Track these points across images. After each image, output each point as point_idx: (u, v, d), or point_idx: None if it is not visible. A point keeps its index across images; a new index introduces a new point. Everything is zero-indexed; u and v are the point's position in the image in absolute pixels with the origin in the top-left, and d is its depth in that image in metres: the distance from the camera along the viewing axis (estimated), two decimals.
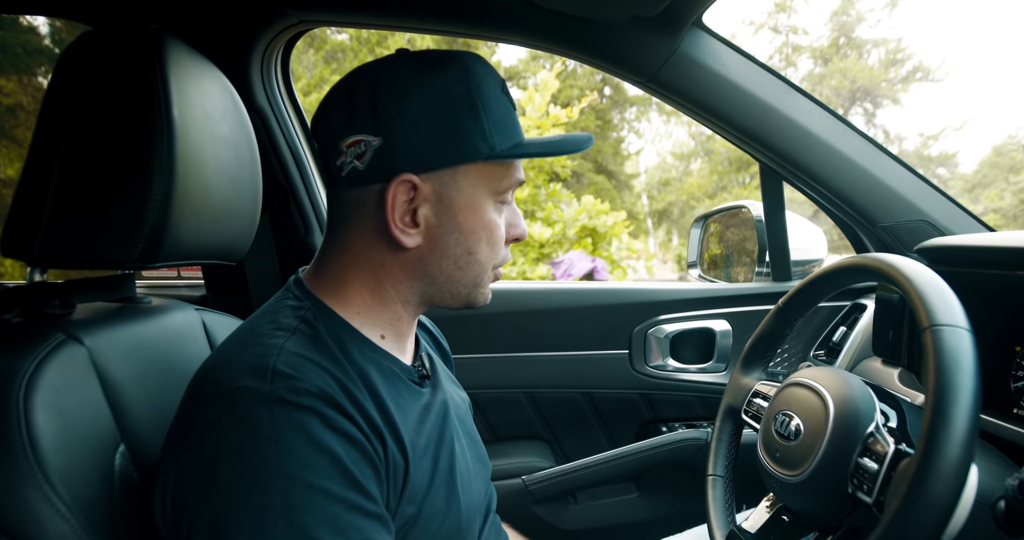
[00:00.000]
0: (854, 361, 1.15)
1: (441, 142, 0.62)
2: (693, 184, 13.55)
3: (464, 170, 0.64)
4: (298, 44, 1.35)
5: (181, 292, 1.51)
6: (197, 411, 0.56)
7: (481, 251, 0.67)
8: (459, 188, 0.64)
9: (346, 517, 0.52)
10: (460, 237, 0.65)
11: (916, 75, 13.69)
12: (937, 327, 0.55)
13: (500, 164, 0.65)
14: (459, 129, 0.62)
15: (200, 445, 0.54)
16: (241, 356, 0.58)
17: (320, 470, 0.52)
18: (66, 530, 0.53)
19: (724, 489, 0.87)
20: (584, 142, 0.69)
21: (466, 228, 0.65)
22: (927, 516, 0.51)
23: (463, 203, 0.65)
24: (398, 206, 0.63)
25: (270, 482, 0.51)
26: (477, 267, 0.67)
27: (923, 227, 1.15)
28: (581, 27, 1.10)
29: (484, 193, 0.65)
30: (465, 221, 0.65)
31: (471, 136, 0.63)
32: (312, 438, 0.53)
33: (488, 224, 0.66)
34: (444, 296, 0.68)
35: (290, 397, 0.54)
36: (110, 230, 0.64)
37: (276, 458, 0.51)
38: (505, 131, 0.64)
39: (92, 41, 0.67)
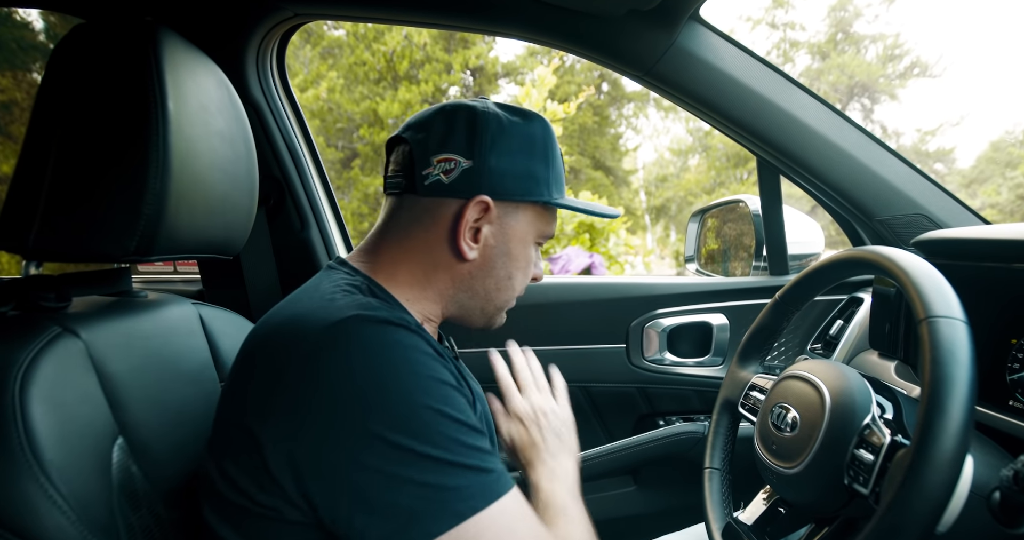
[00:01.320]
0: (851, 354, 1.15)
1: (518, 178, 0.73)
2: (691, 180, 13.54)
3: (526, 207, 0.76)
4: (294, 39, 1.34)
5: (177, 287, 1.50)
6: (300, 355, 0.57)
7: (517, 279, 0.78)
8: (519, 221, 0.75)
9: (470, 411, 0.60)
10: (507, 262, 0.77)
11: (914, 71, 13.70)
12: (933, 319, 0.55)
13: (549, 211, 0.78)
14: (533, 172, 0.74)
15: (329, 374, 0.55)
16: (324, 308, 0.61)
17: (443, 371, 0.59)
18: (63, 523, 0.53)
19: (721, 482, 0.87)
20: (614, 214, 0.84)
21: (514, 255, 0.76)
22: (922, 507, 0.51)
23: (518, 234, 0.76)
24: (469, 224, 0.72)
25: (419, 382, 0.56)
26: (511, 292, 0.79)
27: (920, 221, 1.15)
28: (578, 21, 1.09)
29: (533, 231, 0.77)
30: (515, 249, 0.76)
31: (540, 180, 0.75)
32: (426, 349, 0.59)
33: (529, 258, 0.79)
34: (475, 312, 0.78)
35: (399, 320, 0.60)
36: (106, 223, 0.64)
37: (413, 361, 0.57)
38: (560, 185, 0.77)
39: (86, 34, 0.66)
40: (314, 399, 0.55)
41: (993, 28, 18.22)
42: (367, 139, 9.75)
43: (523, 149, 0.73)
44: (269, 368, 0.59)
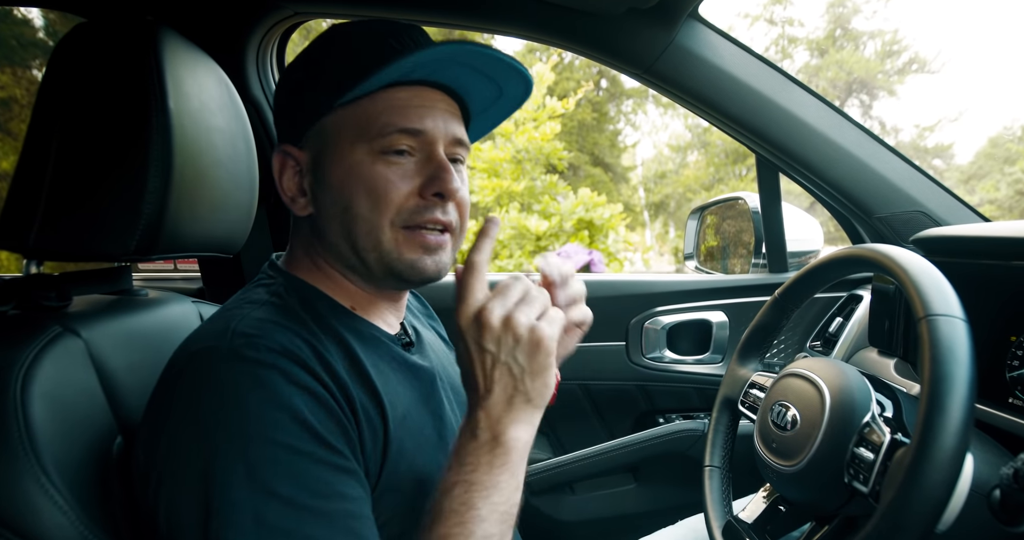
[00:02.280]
0: (850, 352, 1.16)
1: (296, 106, 0.65)
2: (690, 176, 13.53)
3: (325, 125, 0.63)
4: (295, 37, 1.34)
5: (178, 285, 1.50)
6: (168, 374, 0.58)
7: (359, 205, 0.62)
8: (326, 145, 0.64)
9: (311, 471, 0.52)
10: (334, 194, 0.63)
11: (912, 67, 13.69)
12: (933, 317, 0.55)
13: (367, 108, 0.62)
14: (308, 87, 0.65)
15: (161, 405, 0.55)
16: (208, 328, 0.60)
17: (281, 425, 0.51)
18: (63, 521, 0.53)
19: (721, 480, 0.87)
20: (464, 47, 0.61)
21: (336, 183, 0.63)
22: (922, 505, 0.51)
23: (330, 158, 0.63)
24: (285, 178, 0.66)
25: (230, 438, 0.50)
26: (363, 224, 0.62)
27: (919, 218, 1.15)
28: (577, 19, 1.09)
29: (349, 142, 0.62)
30: (335, 176, 0.63)
31: (315, 91, 0.64)
32: (272, 393, 0.52)
33: (360, 174, 0.62)
34: (359, 266, 0.65)
35: (249, 353, 0.53)
36: (106, 222, 0.64)
37: (239, 417, 0.51)
38: (362, 69, 0.60)
39: (87, 33, 0.66)
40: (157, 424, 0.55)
41: (991, 24, 18.21)
42: None
43: (296, 79, 0.67)
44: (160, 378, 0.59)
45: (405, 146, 0.63)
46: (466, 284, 0.57)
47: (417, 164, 0.63)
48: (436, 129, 0.64)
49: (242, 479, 0.49)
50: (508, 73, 0.66)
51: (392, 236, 0.63)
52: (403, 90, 0.63)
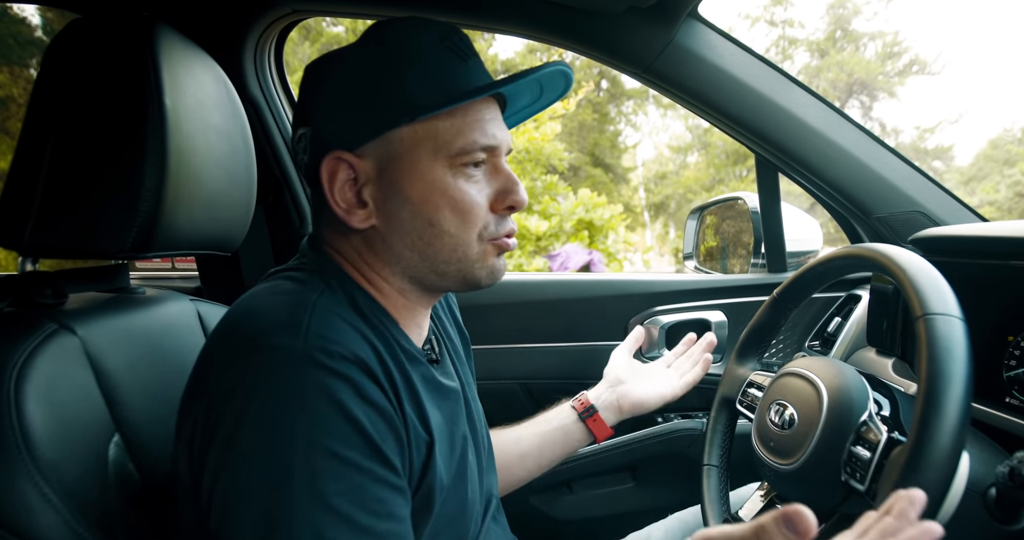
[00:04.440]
0: (849, 351, 1.15)
1: (362, 113, 0.60)
2: (690, 177, 13.53)
3: (397, 137, 0.60)
4: (293, 36, 1.34)
5: (175, 283, 1.50)
6: (225, 361, 0.54)
7: (445, 221, 0.61)
8: (397, 156, 0.61)
9: (370, 488, 0.51)
10: (414, 209, 0.61)
11: (912, 68, 13.68)
12: (930, 316, 0.55)
13: (443, 122, 0.60)
14: (377, 96, 0.60)
15: (225, 398, 0.52)
16: (272, 307, 0.56)
17: (346, 439, 0.51)
18: (58, 521, 0.53)
19: (719, 479, 0.87)
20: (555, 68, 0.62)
21: (416, 198, 0.61)
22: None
23: (405, 171, 0.61)
24: (337, 187, 0.61)
25: (294, 446, 0.49)
26: (450, 239, 0.62)
27: (918, 218, 1.15)
28: (577, 17, 1.09)
29: (429, 157, 0.60)
30: (412, 190, 0.61)
31: (389, 100, 0.60)
32: (340, 405, 0.51)
33: (444, 190, 0.61)
34: (431, 277, 0.64)
35: (325, 360, 0.52)
36: (102, 219, 0.63)
37: (303, 423, 0.50)
38: (440, 87, 0.60)
39: (82, 29, 0.66)
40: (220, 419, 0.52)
41: (992, 26, 18.21)
42: None
43: (355, 78, 0.61)
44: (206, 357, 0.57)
45: (483, 159, 0.63)
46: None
47: (486, 175, 0.64)
48: (504, 141, 0.65)
49: (306, 492, 0.49)
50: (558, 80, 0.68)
51: (479, 249, 0.64)
52: (478, 103, 0.62)
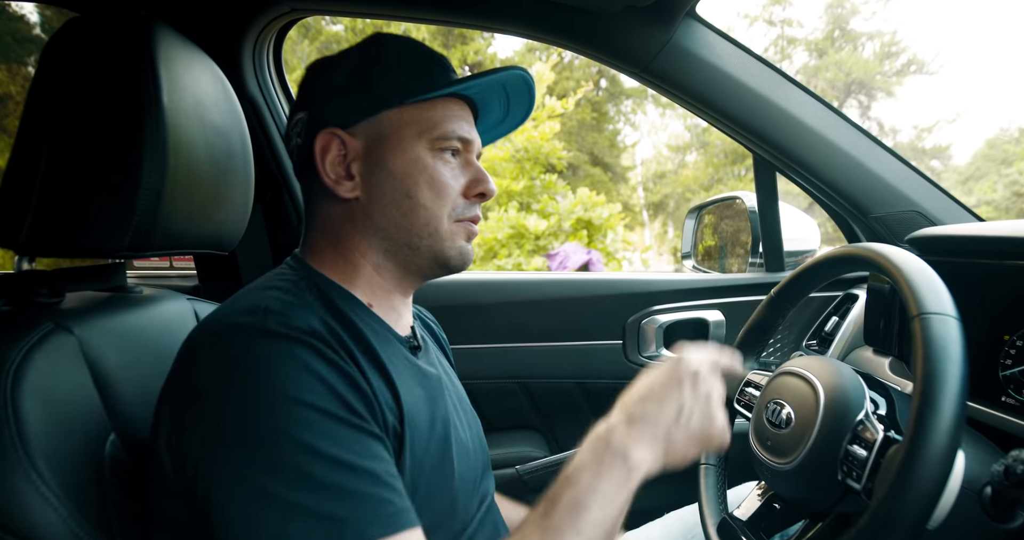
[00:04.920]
0: (846, 350, 1.16)
1: (357, 97, 0.69)
2: (689, 176, 13.55)
3: (386, 118, 0.69)
4: (292, 35, 1.34)
5: (173, 282, 1.50)
6: (191, 353, 0.58)
7: (423, 195, 0.68)
8: (384, 136, 0.69)
9: (349, 433, 0.54)
10: (395, 182, 0.68)
11: (910, 68, 13.70)
12: (926, 315, 0.55)
13: (427, 111, 0.69)
14: (371, 84, 0.69)
15: (197, 380, 0.55)
16: (233, 306, 0.61)
17: (317, 392, 0.54)
18: (55, 519, 0.53)
19: (716, 478, 0.87)
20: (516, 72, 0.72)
21: (398, 172, 0.68)
22: (914, 502, 0.51)
23: (391, 148, 0.68)
24: (328, 160, 0.68)
25: (272, 404, 0.52)
26: (424, 212, 0.68)
27: (915, 218, 1.15)
28: (575, 17, 1.09)
29: (413, 137, 0.69)
30: (396, 165, 0.68)
31: (383, 88, 0.69)
32: (305, 364, 0.54)
33: (424, 167, 0.69)
34: (405, 251, 0.70)
35: (281, 329, 0.56)
36: (99, 218, 0.63)
37: (274, 382, 0.53)
38: (425, 81, 0.69)
39: (80, 28, 0.66)
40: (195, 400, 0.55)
41: (990, 26, 18.23)
42: None
43: (355, 76, 0.70)
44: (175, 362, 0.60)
45: (458, 148, 0.71)
46: (725, 350, 0.69)
47: (460, 166, 0.72)
48: (476, 141, 0.74)
49: (288, 441, 0.51)
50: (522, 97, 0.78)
51: (448, 227, 0.70)
52: (455, 102, 0.72)
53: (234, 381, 0.53)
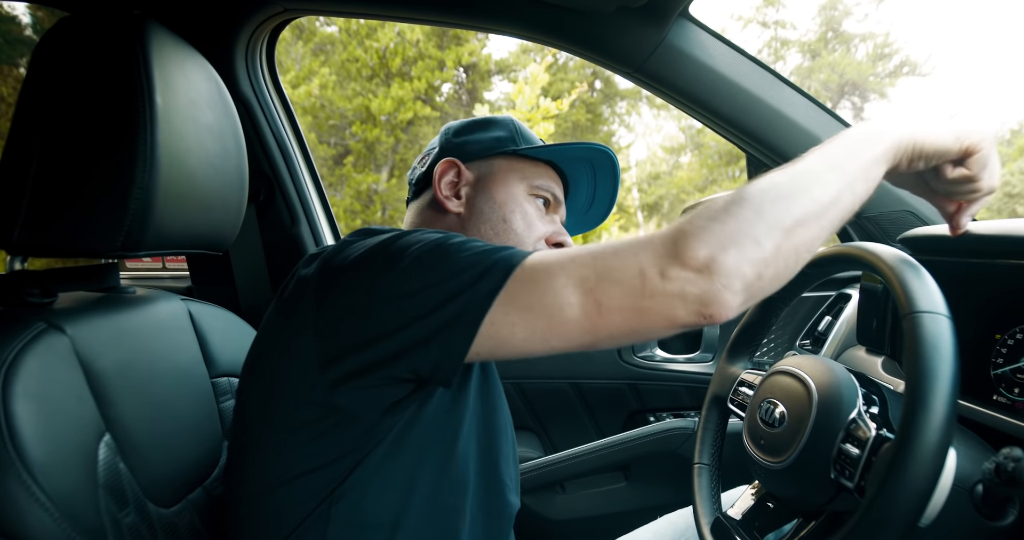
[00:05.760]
0: (839, 350, 1.16)
1: (479, 142, 0.83)
2: (683, 178, 13.57)
3: (497, 161, 0.82)
4: (286, 35, 1.34)
5: (166, 283, 1.49)
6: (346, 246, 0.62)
7: (516, 222, 0.79)
8: (494, 173, 0.81)
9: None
10: (495, 206, 0.80)
11: (903, 70, 13.77)
12: (917, 314, 0.56)
13: (530, 165, 0.83)
14: (494, 137, 0.84)
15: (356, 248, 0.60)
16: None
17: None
18: (47, 521, 0.53)
19: (710, 477, 0.87)
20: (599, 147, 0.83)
21: (499, 200, 0.80)
22: (906, 499, 0.52)
23: (497, 182, 0.81)
24: (444, 181, 0.81)
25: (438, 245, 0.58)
26: (514, 236, 0.78)
27: (907, 217, 1.16)
28: (568, 17, 1.09)
29: (516, 180, 0.81)
30: (498, 194, 0.80)
31: (502, 140, 0.83)
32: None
33: (519, 201, 0.80)
34: None
35: None
36: (92, 218, 0.63)
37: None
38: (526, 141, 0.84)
39: (72, 27, 0.65)
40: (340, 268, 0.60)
41: (982, 28, 18.37)
42: (359, 136, 9.70)
43: (479, 127, 0.85)
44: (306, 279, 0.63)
45: (548, 199, 0.83)
46: None
47: (548, 218, 0.83)
48: (563, 206, 0.87)
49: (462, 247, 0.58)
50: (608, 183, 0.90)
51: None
52: (552, 172, 0.85)
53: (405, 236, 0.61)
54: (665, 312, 0.49)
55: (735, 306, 0.49)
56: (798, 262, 0.52)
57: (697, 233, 0.49)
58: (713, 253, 0.48)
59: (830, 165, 0.55)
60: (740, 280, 0.48)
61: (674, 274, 0.49)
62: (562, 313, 0.51)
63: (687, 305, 0.49)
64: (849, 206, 0.55)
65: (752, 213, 0.50)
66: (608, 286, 0.50)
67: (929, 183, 0.68)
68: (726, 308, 0.49)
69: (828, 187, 0.53)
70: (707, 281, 0.48)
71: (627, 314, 0.50)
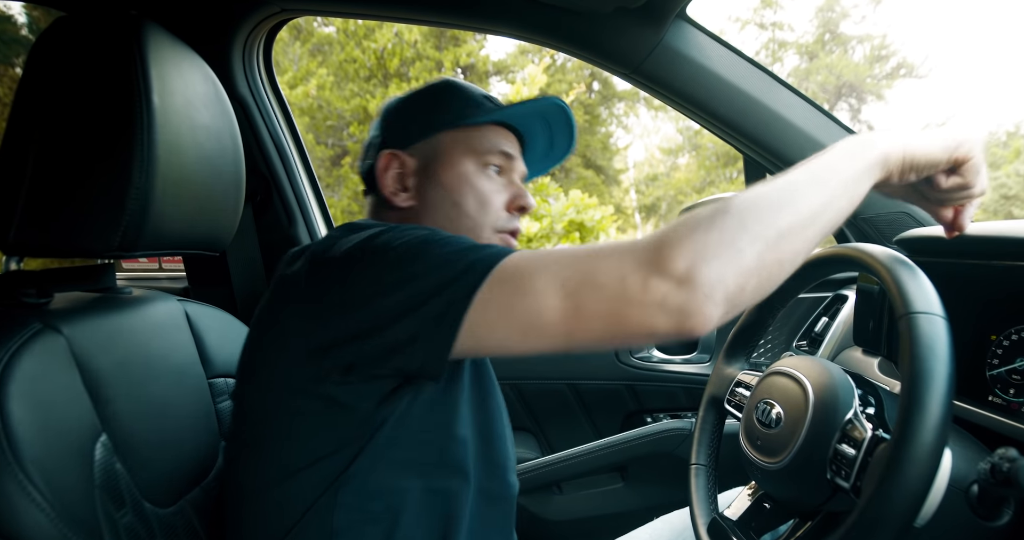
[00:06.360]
0: (835, 351, 1.16)
1: (415, 125, 0.78)
2: (681, 179, 13.59)
3: (439, 140, 0.77)
4: (283, 36, 1.34)
5: (163, 284, 1.49)
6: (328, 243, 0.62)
7: (468, 204, 0.75)
8: (437, 154, 0.77)
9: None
10: (445, 193, 0.76)
11: (900, 71, 13.81)
12: (913, 315, 0.56)
13: (474, 133, 0.78)
14: (430, 114, 0.79)
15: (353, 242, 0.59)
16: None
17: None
18: (43, 521, 0.53)
19: (707, 478, 0.87)
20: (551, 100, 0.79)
21: (448, 184, 0.76)
22: (901, 500, 0.52)
23: (443, 164, 0.77)
24: (388, 176, 0.77)
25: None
26: (468, 221, 0.75)
27: (903, 218, 1.16)
28: (566, 18, 1.09)
29: (461, 155, 0.77)
30: (446, 178, 0.76)
31: (438, 115, 0.78)
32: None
33: (470, 180, 0.76)
34: None
35: None
36: (89, 218, 0.63)
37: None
38: (473, 110, 0.78)
39: (68, 27, 0.65)
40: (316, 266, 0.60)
41: (978, 30, 18.43)
42: (357, 137, 9.70)
43: (416, 106, 0.80)
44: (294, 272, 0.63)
45: (500, 164, 0.78)
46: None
47: (503, 184, 0.79)
48: (519, 160, 0.81)
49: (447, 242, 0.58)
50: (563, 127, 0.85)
51: (488, 236, 0.76)
52: (502, 128, 0.80)
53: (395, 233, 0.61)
54: (644, 320, 0.49)
55: (715, 317, 0.49)
56: (781, 274, 0.52)
57: (680, 242, 0.49)
58: (695, 263, 0.48)
59: (815, 179, 0.55)
60: (722, 291, 0.48)
61: (655, 283, 0.48)
62: (541, 315, 0.51)
63: (667, 315, 0.48)
64: (833, 219, 0.55)
65: (735, 223, 0.50)
66: (589, 291, 0.50)
67: (922, 192, 0.68)
68: (706, 319, 0.48)
69: (812, 200, 0.53)
70: (688, 292, 0.48)
71: (606, 320, 0.50)
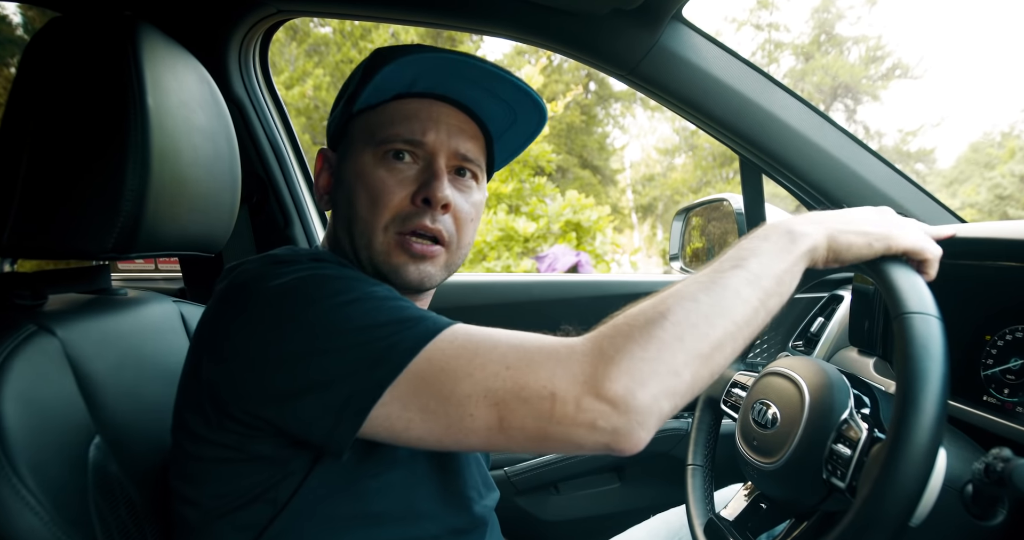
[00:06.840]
0: (831, 351, 1.17)
1: (334, 114, 0.71)
2: (677, 179, 13.61)
3: (349, 131, 0.69)
4: (280, 36, 1.34)
5: (158, 285, 1.49)
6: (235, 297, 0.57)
7: (359, 204, 0.65)
8: (347, 149, 0.69)
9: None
10: (342, 192, 0.67)
11: (896, 72, 13.86)
12: (908, 315, 0.56)
13: (378, 116, 0.66)
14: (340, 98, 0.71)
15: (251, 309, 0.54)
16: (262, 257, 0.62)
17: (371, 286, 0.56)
18: (36, 523, 0.53)
19: (703, 478, 0.88)
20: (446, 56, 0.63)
21: (346, 181, 0.67)
22: (897, 499, 0.52)
23: (347, 159, 0.68)
24: (320, 181, 0.73)
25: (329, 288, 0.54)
26: (360, 223, 0.65)
27: None
28: (562, 19, 1.09)
29: (361, 145, 0.67)
30: (346, 174, 0.67)
31: (346, 101, 0.68)
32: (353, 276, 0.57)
33: (363, 174, 0.65)
34: (359, 264, 0.67)
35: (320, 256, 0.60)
36: (84, 220, 0.63)
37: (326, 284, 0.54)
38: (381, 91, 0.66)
39: (63, 28, 0.65)
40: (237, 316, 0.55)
41: (973, 31, 18.50)
42: None
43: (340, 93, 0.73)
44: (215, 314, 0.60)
45: (406, 150, 0.65)
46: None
47: (417, 172, 0.66)
48: (438, 141, 0.66)
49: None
50: (518, 97, 0.69)
51: (384, 239, 0.65)
52: (412, 102, 0.66)
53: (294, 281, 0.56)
54: (570, 439, 0.47)
55: (646, 440, 0.47)
56: (706, 385, 0.51)
57: (618, 361, 0.47)
58: (632, 388, 0.46)
59: (748, 279, 0.53)
60: (656, 416, 0.47)
61: (589, 403, 0.46)
62: (461, 422, 0.48)
63: (596, 436, 0.46)
64: (764, 320, 0.54)
65: (673, 339, 0.48)
66: (516, 405, 0.47)
67: None
68: (635, 443, 0.47)
69: (747, 305, 0.52)
70: (622, 417, 0.46)
71: (530, 434, 0.48)
